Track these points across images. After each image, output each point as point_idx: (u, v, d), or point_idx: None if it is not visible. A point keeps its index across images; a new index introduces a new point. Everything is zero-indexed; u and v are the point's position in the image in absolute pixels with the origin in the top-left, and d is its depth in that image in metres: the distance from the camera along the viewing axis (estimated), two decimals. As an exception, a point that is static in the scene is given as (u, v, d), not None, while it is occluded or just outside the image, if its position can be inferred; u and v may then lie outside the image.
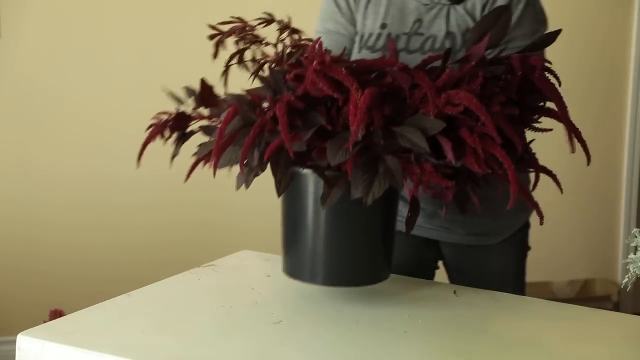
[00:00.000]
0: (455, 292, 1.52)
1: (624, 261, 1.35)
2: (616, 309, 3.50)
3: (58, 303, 2.47)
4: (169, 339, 1.28)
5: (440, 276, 1.85)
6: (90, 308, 1.41)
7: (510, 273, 1.80)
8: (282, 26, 1.47)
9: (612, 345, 1.32)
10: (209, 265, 1.64)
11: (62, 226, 3.04)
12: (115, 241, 3.06)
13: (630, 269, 1.29)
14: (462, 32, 1.64)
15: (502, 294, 1.56)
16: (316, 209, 1.37)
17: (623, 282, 1.31)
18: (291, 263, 1.43)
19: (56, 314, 2.35)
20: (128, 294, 1.47)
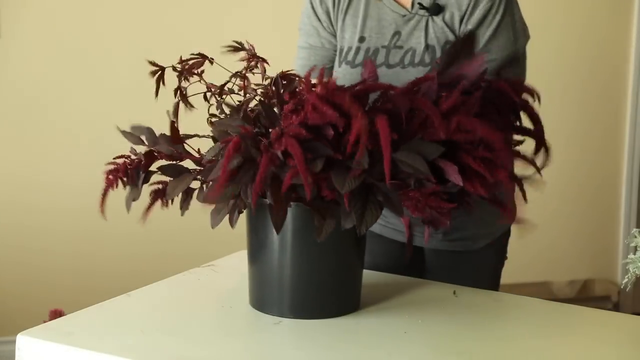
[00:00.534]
0: (454, 293, 1.52)
1: (624, 261, 1.35)
2: (616, 309, 3.50)
3: (58, 303, 2.47)
4: (169, 339, 1.28)
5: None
6: (90, 308, 1.41)
7: (486, 280, 1.74)
8: (250, 55, 1.41)
9: (612, 345, 1.32)
10: (209, 265, 1.64)
11: (62, 226, 3.04)
12: (115, 241, 3.06)
13: (630, 269, 1.29)
14: (442, 45, 1.61)
15: (502, 294, 1.56)
16: (285, 242, 1.34)
17: (623, 282, 1.31)
18: (257, 295, 1.41)
19: (56, 314, 2.35)
20: (128, 294, 1.47)
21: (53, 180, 3.04)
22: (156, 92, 1.43)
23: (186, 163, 1.40)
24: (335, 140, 1.26)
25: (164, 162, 1.40)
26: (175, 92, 1.44)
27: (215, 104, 1.41)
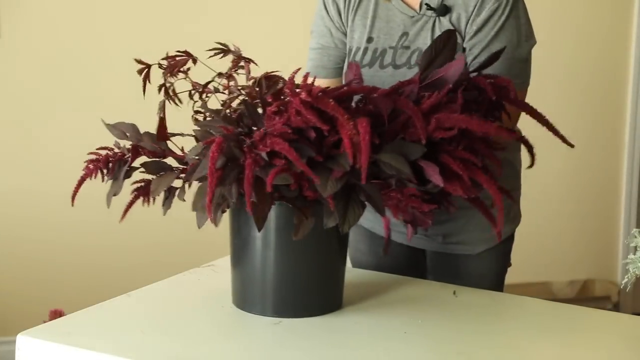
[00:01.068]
0: (454, 293, 1.52)
1: (624, 261, 1.35)
2: (616, 309, 3.50)
3: (58, 303, 2.47)
4: (169, 339, 1.28)
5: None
6: (90, 308, 1.41)
7: (487, 286, 1.70)
8: (237, 57, 1.41)
9: (612, 346, 1.32)
10: (209, 265, 1.64)
11: (62, 226, 3.03)
12: (115, 241, 3.05)
13: (630, 269, 1.29)
14: None
15: (502, 294, 1.56)
16: (268, 241, 1.34)
17: (623, 282, 1.31)
18: (240, 294, 1.41)
19: (56, 314, 2.35)
20: (128, 294, 1.47)
21: (53, 180, 3.03)
22: (143, 90, 1.42)
23: (169, 161, 1.40)
24: (317, 142, 1.26)
25: (146, 159, 1.40)
26: (159, 89, 1.43)
27: (199, 102, 1.41)
